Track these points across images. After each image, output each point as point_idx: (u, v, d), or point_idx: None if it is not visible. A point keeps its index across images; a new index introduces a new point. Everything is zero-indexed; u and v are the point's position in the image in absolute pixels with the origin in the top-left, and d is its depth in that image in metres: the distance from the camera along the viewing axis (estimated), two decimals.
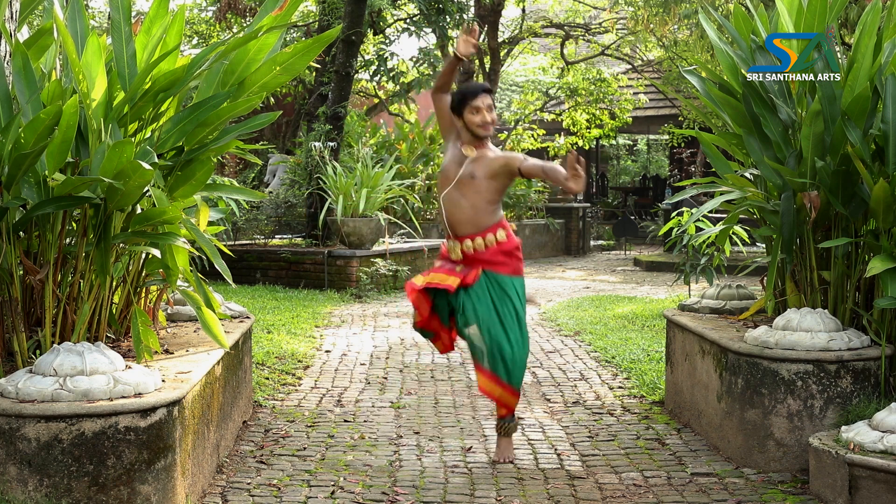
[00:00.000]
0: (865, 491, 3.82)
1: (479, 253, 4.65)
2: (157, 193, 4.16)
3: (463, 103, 4.65)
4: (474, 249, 4.65)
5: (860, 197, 4.77)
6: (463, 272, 4.64)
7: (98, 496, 3.52)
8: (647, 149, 29.21)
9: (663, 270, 14.32)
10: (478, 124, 4.63)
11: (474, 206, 4.62)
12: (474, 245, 4.65)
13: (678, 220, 8.09)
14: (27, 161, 3.83)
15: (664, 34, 15.37)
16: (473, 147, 4.67)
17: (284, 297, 10.39)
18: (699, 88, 5.42)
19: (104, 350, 3.77)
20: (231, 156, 15.39)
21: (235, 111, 4.36)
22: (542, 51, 23.11)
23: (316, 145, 11.97)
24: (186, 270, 4.53)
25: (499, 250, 4.66)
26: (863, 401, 4.46)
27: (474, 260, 4.65)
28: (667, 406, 5.82)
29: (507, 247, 4.68)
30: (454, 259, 4.71)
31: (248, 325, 5.62)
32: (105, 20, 16.19)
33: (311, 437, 5.18)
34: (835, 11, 5.14)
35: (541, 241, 17.25)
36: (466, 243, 4.65)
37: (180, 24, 4.51)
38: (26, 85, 4.18)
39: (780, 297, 5.28)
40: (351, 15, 12.32)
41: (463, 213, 4.63)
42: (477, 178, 4.60)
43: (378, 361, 7.32)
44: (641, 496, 4.25)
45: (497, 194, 4.67)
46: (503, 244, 4.67)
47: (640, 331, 8.36)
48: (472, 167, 4.63)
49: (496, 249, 4.66)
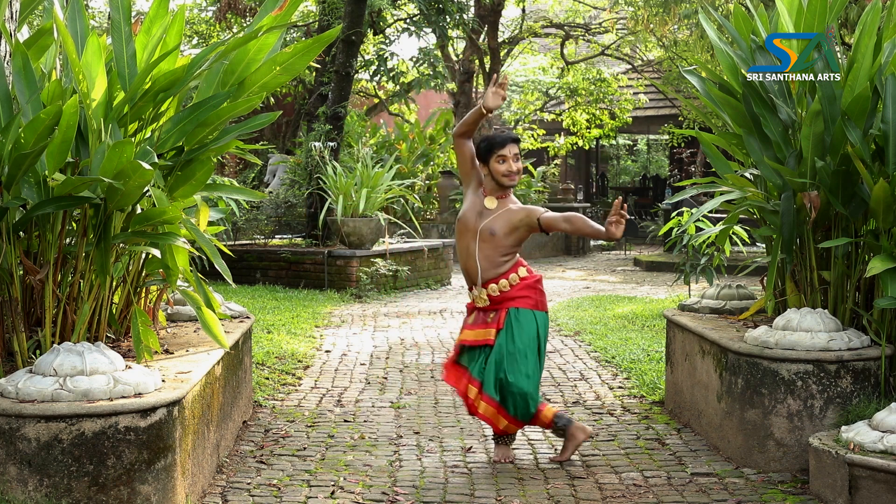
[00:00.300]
0: (865, 491, 3.82)
1: (504, 293, 4.69)
2: (157, 193, 4.16)
3: (490, 152, 4.67)
4: (500, 291, 4.69)
5: (860, 197, 4.77)
6: (495, 320, 4.68)
7: (98, 496, 3.52)
8: (647, 149, 29.22)
9: (663, 270, 14.32)
10: (503, 174, 4.66)
11: (493, 259, 4.67)
12: (500, 287, 4.69)
13: (678, 220, 8.09)
14: (27, 161, 3.83)
15: (664, 34, 15.37)
16: (495, 198, 4.71)
17: (284, 297, 10.39)
18: (699, 88, 5.42)
19: (104, 350, 3.77)
20: (231, 156, 15.40)
21: (235, 111, 4.36)
22: (542, 51, 23.11)
23: (316, 145, 11.97)
24: (186, 270, 4.52)
25: (524, 285, 4.70)
26: (863, 401, 4.46)
27: (502, 300, 4.69)
28: (667, 406, 5.82)
29: (529, 280, 4.72)
30: (482, 307, 4.75)
31: (248, 325, 5.62)
32: (105, 20, 16.19)
33: (311, 437, 5.18)
34: (835, 11, 5.14)
35: (541, 241, 17.25)
36: (492, 287, 4.70)
37: (180, 24, 4.51)
38: (26, 85, 4.18)
39: (780, 297, 5.28)
40: (351, 15, 12.32)
41: (483, 262, 4.68)
42: (497, 235, 4.65)
43: (378, 361, 7.32)
44: (641, 496, 4.25)
45: (516, 246, 4.72)
46: (526, 279, 4.72)
47: (640, 331, 8.36)
48: (493, 224, 4.67)
49: (521, 285, 4.70)
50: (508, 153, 4.64)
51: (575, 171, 25.17)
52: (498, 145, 4.65)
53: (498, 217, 4.67)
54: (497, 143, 4.66)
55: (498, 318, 4.68)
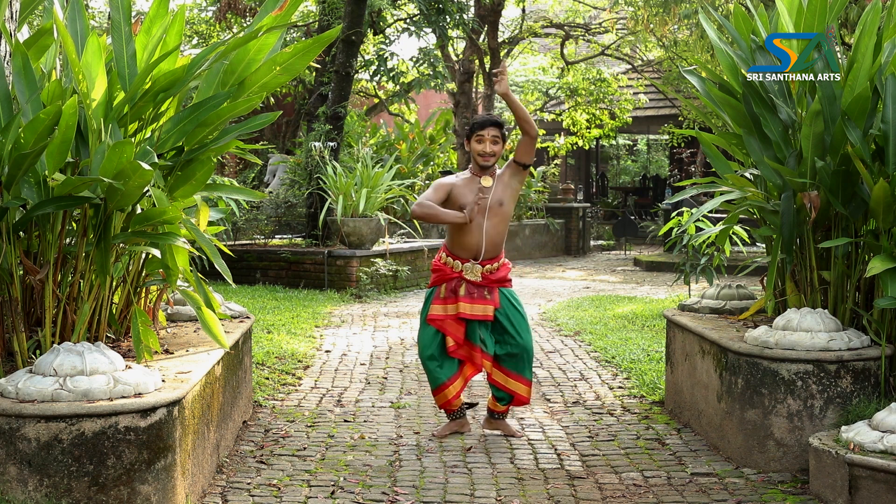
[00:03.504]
0: (865, 491, 3.82)
1: (493, 274, 5.08)
2: (157, 193, 4.16)
3: (471, 131, 5.08)
4: (491, 272, 5.08)
5: (860, 197, 4.77)
6: (492, 299, 5.06)
7: (98, 496, 3.52)
8: (647, 149, 29.21)
9: (663, 270, 14.32)
10: (478, 153, 5.03)
11: (500, 234, 5.08)
12: (492, 268, 5.08)
13: (678, 220, 8.09)
14: (27, 161, 3.83)
15: (664, 34, 15.37)
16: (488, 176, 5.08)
17: (284, 297, 10.39)
18: (699, 88, 5.42)
19: (104, 350, 3.77)
20: (231, 156, 15.40)
21: (235, 111, 4.36)
22: (542, 51, 23.11)
23: (316, 145, 11.97)
24: (186, 270, 4.52)
25: (507, 271, 5.15)
26: (863, 401, 4.46)
27: (490, 281, 5.07)
28: (667, 406, 5.82)
29: (508, 266, 5.18)
30: (472, 280, 5.05)
31: (248, 325, 5.62)
32: (105, 20, 16.18)
33: (311, 437, 5.18)
34: (835, 11, 5.14)
35: (541, 241, 17.25)
36: (487, 267, 5.07)
37: (180, 24, 4.51)
38: (26, 85, 4.17)
39: (780, 297, 5.28)
40: (351, 15, 12.32)
41: (491, 239, 5.04)
42: (505, 205, 5.06)
43: (378, 361, 7.32)
44: (641, 496, 4.25)
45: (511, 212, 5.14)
46: (505, 265, 5.16)
47: (640, 331, 8.36)
48: (501, 196, 5.05)
49: (506, 270, 5.14)
50: (486, 135, 5.00)
51: (575, 171, 25.18)
52: (478, 125, 5.04)
53: (497, 189, 5.05)
54: (477, 123, 5.06)
55: (493, 297, 5.05)
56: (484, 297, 5.03)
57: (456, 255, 5.08)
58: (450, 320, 5.03)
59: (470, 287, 5.04)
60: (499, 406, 5.18)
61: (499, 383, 5.09)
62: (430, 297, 5.12)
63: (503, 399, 5.14)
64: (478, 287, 5.04)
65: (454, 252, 5.09)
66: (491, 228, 5.02)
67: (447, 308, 5.04)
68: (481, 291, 5.04)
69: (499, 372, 5.08)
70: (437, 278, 5.12)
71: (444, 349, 5.08)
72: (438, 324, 5.05)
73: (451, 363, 5.09)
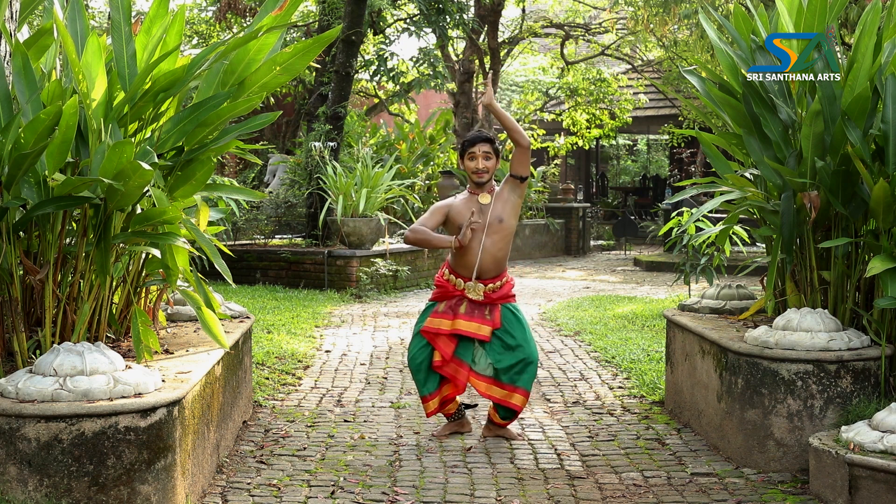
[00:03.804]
0: (865, 491, 3.82)
1: (495, 293, 5.04)
2: (157, 193, 4.16)
3: (464, 150, 5.07)
4: (493, 291, 5.04)
5: (860, 197, 4.77)
6: (491, 319, 5.01)
7: (98, 496, 3.52)
8: (647, 149, 29.21)
9: (663, 270, 14.32)
10: (472, 171, 5.03)
11: (501, 251, 5.03)
12: (494, 287, 5.04)
13: (678, 220, 8.09)
14: (27, 161, 3.83)
15: (664, 34, 15.37)
16: (486, 193, 5.05)
17: (284, 297, 10.39)
18: (699, 88, 5.42)
19: (104, 350, 3.77)
20: (231, 156, 15.40)
21: (235, 111, 4.36)
22: (542, 51, 23.11)
23: (316, 145, 11.97)
24: (186, 270, 4.52)
25: (510, 287, 5.11)
26: (863, 401, 4.46)
27: (493, 300, 5.04)
28: (667, 406, 5.82)
29: (511, 283, 5.14)
30: (474, 299, 5.02)
31: (248, 325, 5.62)
32: (105, 20, 16.19)
33: (311, 437, 5.18)
34: (835, 11, 5.14)
35: (541, 241, 17.25)
36: (490, 286, 5.04)
37: (180, 24, 4.51)
38: (26, 85, 4.17)
39: (780, 297, 5.28)
40: (351, 15, 12.32)
41: (491, 256, 5.00)
42: (504, 221, 5.01)
43: (378, 361, 7.32)
44: (641, 496, 4.25)
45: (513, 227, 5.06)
46: (509, 282, 5.12)
47: (640, 331, 8.36)
48: (499, 213, 5.00)
49: (509, 287, 5.10)
50: (478, 151, 5.00)
51: (575, 171, 25.18)
52: (468, 143, 5.05)
53: (496, 205, 5.01)
54: (468, 141, 5.06)
55: (494, 316, 4.99)
56: (483, 317, 4.99)
57: (458, 273, 5.05)
58: (442, 335, 5.00)
59: (470, 306, 5.01)
60: (500, 421, 5.15)
61: (502, 400, 5.00)
62: (429, 310, 5.09)
63: (507, 417, 5.11)
64: (479, 306, 5.01)
65: (456, 270, 5.06)
66: (491, 246, 4.97)
67: (443, 323, 5.00)
68: (482, 311, 5.01)
69: (499, 389, 4.99)
70: (439, 294, 5.09)
71: (430, 364, 5.04)
72: (431, 337, 5.02)
73: (433, 379, 5.06)
